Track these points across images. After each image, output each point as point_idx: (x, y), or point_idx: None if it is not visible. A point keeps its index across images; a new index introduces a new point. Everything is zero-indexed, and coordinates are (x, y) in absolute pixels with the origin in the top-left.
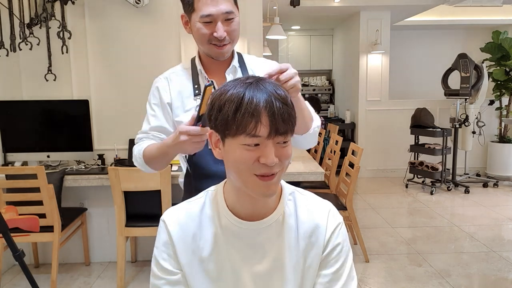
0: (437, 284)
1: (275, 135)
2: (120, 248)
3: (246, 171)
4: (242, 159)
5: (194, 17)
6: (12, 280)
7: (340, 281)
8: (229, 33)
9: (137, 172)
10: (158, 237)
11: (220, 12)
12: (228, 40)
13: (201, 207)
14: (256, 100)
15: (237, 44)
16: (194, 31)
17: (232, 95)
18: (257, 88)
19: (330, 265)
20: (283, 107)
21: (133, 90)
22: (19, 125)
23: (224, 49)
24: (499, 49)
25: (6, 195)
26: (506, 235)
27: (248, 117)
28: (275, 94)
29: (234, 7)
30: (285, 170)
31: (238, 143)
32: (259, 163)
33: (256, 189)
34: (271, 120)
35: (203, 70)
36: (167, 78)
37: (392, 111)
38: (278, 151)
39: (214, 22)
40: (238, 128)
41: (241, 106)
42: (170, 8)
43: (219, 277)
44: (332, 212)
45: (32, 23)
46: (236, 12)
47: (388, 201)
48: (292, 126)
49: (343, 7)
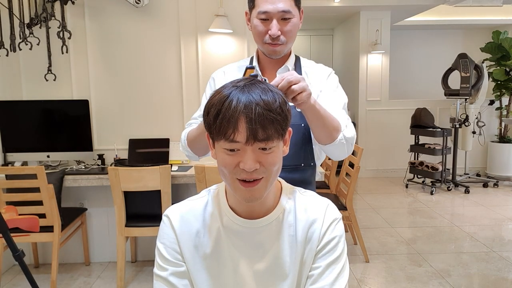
0: (437, 284)
1: (254, 141)
2: (120, 248)
3: (229, 174)
4: (223, 163)
5: (253, 13)
6: (12, 280)
7: (332, 274)
8: (284, 33)
9: (137, 172)
10: (161, 232)
11: (277, 10)
12: (283, 41)
13: (204, 205)
14: (234, 105)
15: (237, 44)
16: (252, 27)
17: (217, 98)
18: (241, 92)
19: (323, 258)
20: (264, 113)
21: (133, 90)
22: (19, 125)
23: (277, 48)
24: (499, 49)
25: (6, 195)
26: (506, 235)
27: (225, 122)
28: (257, 99)
29: (293, 8)
30: (273, 176)
31: (220, 147)
32: (239, 168)
33: (239, 193)
34: (248, 126)
35: (258, 67)
36: (224, 72)
37: (392, 111)
38: (260, 157)
39: (270, 20)
40: (218, 133)
41: (221, 111)
42: (170, 8)
43: (220, 274)
44: (329, 208)
45: (32, 23)
46: (294, 13)
47: (388, 201)
48: (277, 132)
49: (343, 7)
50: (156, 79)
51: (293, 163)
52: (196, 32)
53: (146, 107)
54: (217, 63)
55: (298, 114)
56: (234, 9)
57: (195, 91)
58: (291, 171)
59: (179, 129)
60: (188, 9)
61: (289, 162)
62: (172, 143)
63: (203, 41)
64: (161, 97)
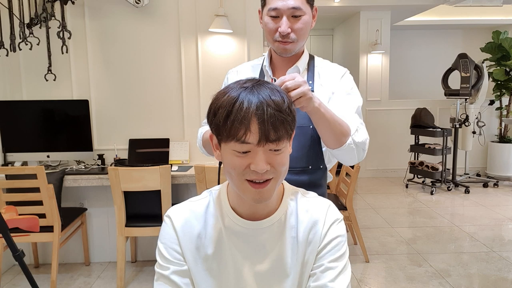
0: (437, 284)
1: (265, 142)
2: (120, 248)
3: (238, 176)
4: (233, 164)
5: (264, 10)
6: (12, 280)
7: (333, 271)
8: (295, 31)
9: (137, 172)
10: (163, 233)
11: (287, 7)
12: (293, 38)
13: (205, 207)
14: (246, 106)
15: (237, 44)
16: (263, 25)
17: (225, 100)
18: (251, 93)
19: (325, 258)
20: (276, 114)
21: (133, 90)
22: (19, 125)
23: (287, 45)
24: (499, 49)
25: (6, 195)
26: (506, 235)
27: (237, 124)
28: (267, 100)
29: (304, 5)
30: (282, 176)
31: (229, 148)
32: (250, 169)
33: (247, 194)
34: (260, 127)
35: (268, 66)
36: (237, 71)
37: (392, 111)
38: (270, 158)
39: (280, 17)
40: (228, 134)
41: (232, 113)
42: (170, 8)
43: (221, 275)
44: (331, 208)
45: (32, 23)
46: (306, 10)
47: (388, 201)
48: (287, 133)
49: (343, 7)
50: (156, 79)
51: (300, 165)
52: (196, 32)
53: (146, 107)
54: (217, 63)
55: (306, 116)
56: (234, 9)
57: (195, 91)
58: (298, 173)
59: (179, 129)
60: (188, 9)
61: (296, 164)
62: (172, 143)
63: (203, 41)
64: (161, 97)
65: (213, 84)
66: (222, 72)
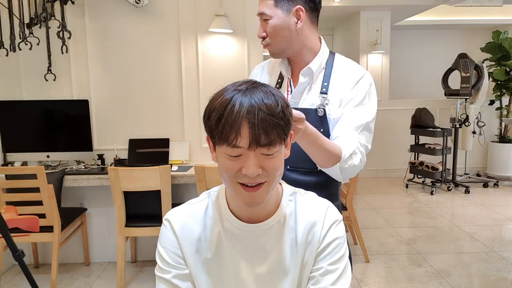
0: (437, 284)
1: (256, 146)
2: (120, 248)
3: (231, 179)
4: (226, 167)
5: None
6: (12, 280)
7: (333, 275)
8: (267, 34)
9: (137, 172)
10: (163, 236)
11: (258, 12)
12: (267, 41)
13: (204, 209)
14: (237, 109)
15: (237, 44)
16: None
17: (219, 102)
18: (244, 96)
19: (324, 260)
20: (267, 118)
21: (133, 90)
22: (19, 125)
23: (267, 48)
24: (499, 49)
25: (6, 195)
26: (506, 235)
27: (228, 128)
28: (259, 104)
29: (270, 9)
30: (275, 180)
31: (222, 151)
32: (242, 173)
33: (240, 197)
34: (251, 131)
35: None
36: (262, 67)
37: (392, 111)
38: (262, 162)
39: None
40: (220, 138)
41: (223, 116)
42: (170, 8)
43: (221, 278)
44: (330, 209)
45: (32, 23)
46: (272, 14)
47: (388, 201)
48: (279, 137)
49: (343, 7)
50: (156, 79)
51: (308, 166)
52: (196, 32)
53: (146, 107)
54: (217, 63)
55: (318, 119)
56: (234, 9)
57: (195, 91)
58: (306, 173)
59: (179, 129)
60: (188, 9)
61: (304, 165)
62: (172, 143)
63: (203, 41)
64: (161, 97)
65: (213, 84)
66: (222, 72)
